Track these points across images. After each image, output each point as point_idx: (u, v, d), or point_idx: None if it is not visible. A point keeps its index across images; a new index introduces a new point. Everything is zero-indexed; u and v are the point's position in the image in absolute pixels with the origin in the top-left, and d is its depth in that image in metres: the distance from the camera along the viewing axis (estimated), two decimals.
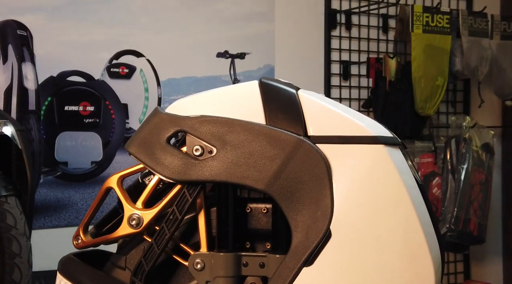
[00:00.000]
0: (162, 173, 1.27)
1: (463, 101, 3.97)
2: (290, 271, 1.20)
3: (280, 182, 1.22)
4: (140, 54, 3.19)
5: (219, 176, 1.25)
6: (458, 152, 3.71)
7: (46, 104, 3.03)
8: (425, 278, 1.20)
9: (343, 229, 1.20)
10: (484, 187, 3.77)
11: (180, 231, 1.35)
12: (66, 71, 3.07)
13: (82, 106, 3.10)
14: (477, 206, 3.73)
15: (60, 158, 3.07)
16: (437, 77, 3.55)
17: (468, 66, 3.65)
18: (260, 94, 1.29)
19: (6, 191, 2.20)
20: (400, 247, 1.20)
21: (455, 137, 3.73)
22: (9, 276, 2.12)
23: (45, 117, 3.04)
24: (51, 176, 3.07)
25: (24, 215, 2.22)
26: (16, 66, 2.96)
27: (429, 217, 1.25)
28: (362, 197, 1.21)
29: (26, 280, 2.16)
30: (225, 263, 1.26)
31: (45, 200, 3.05)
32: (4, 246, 2.13)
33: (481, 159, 3.75)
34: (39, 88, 3.00)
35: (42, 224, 3.03)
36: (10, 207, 2.18)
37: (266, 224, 1.32)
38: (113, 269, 1.36)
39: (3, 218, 2.14)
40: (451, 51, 3.60)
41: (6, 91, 2.95)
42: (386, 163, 1.21)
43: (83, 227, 1.38)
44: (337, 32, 3.60)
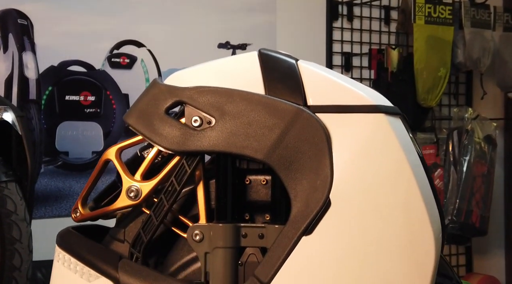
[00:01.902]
0: (160, 144, 1.26)
1: (465, 93, 3.96)
2: (289, 240, 1.19)
3: (279, 152, 1.21)
4: (141, 44, 3.19)
5: (218, 146, 1.24)
6: (460, 144, 3.70)
7: (47, 93, 3.03)
8: (426, 248, 1.19)
9: (342, 198, 1.18)
10: (486, 179, 3.76)
11: (179, 203, 1.33)
12: (67, 60, 3.07)
13: (83, 96, 3.10)
14: (479, 198, 3.72)
15: (61, 147, 3.06)
16: (439, 68, 3.54)
17: (471, 57, 3.65)
18: (259, 64, 1.28)
19: (6, 177, 2.19)
20: (400, 216, 1.19)
21: (457, 128, 3.72)
22: (9, 261, 2.11)
23: (46, 106, 3.03)
24: (52, 166, 3.06)
25: (24, 201, 2.22)
26: (16, 55, 2.96)
27: (430, 188, 1.24)
28: (362, 166, 1.20)
29: (27, 266, 2.16)
30: (224, 234, 1.25)
31: (45, 190, 3.05)
32: (4, 231, 2.13)
33: (483, 151, 3.74)
34: (40, 78, 3.00)
35: (43, 213, 3.02)
36: (10, 192, 2.17)
37: (265, 196, 1.31)
38: (112, 242, 1.35)
39: (3, 204, 2.14)
40: (453, 43, 3.60)
41: (7, 80, 2.95)
42: (386, 132, 1.20)
43: (82, 200, 1.37)
44: (338, 23, 3.59)
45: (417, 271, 1.19)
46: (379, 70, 3.55)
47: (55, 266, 1.34)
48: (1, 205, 2.14)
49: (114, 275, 1.26)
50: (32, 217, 2.25)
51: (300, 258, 1.19)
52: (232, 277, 1.26)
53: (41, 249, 2.27)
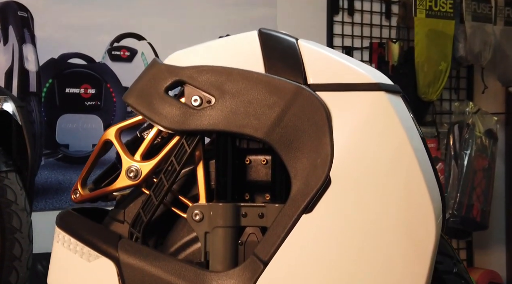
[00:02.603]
0: (160, 123, 1.26)
1: (466, 88, 3.95)
2: (289, 218, 1.19)
3: (280, 130, 1.21)
4: (141, 37, 3.18)
5: (218, 125, 1.23)
6: (461, 137, 3.69)
7: (47, 86, 3.02)
8: (426, 226, 1.19)
9: (343, 176, 1.18)
10: (487, 173, 3.75)
11: (178, 184, 1.33)
12: (67, 53, 3.06)
13: (83, 89, 3.09)
14: (480, 192, 3.71)
15: (61, 140, 3.06)
16: (440, 62, 3.54)
17: (472, 51, 3.64)
18: (259, 43, 1.27)
19: (6, 167, 2.19)
20: (401, 194, 1.18)
21: (458, 123, 3.71)
22: (9, 251, 2.11)
23: (46, 99, 3.03)
24: (52, 159, 3.06)
25: (24, 191, 2.21)
26: (16, 48, 2.95)
27: (431, 166, 1.23)
28: (363, 144, 1.19)
29: (27, 256, 2.16)
30: (224, 213, 1.25)
31: (46, 182, 3.05)
32: (5, 221, 2.13)
33: (484, 145, 3.73)
34: (40, 70, 2.99)
35: (43, 206, 3.02)
36: (10, 182, 2.17)
37: (265, 176, 1.30)
38: (111, 223, 1.34)
39: (3, 193, 2.14)
40: (454, 37, 3.59)
41: (7, 72, 2.94)
42: (387, 109, 1.20)
43: (81, 181, 1.36)
44: (339, 17, 3.59)
45: (417, 249, 1.18)
46: (379, 64, 3.55)
47: (54, 247, 1.34)
48: (1, 195, 2.14)
49: (114, 255, 1.26)
50: (33, 210, 2.24)
51: (300, 236, 1.19)
52: (232, 256, 1.26)
53: (41, 241, 2.26)
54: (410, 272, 1.18)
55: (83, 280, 1.29)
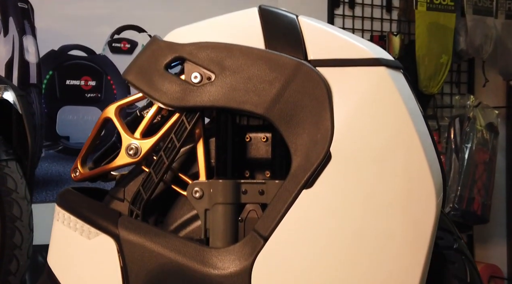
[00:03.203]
0: (160, 100, 1.25)
1: (467, 82, 3.95)
2: (290, 193, 1.18)
3: (280, 106, 1.20)
4: (141, 29, 3.18)
5: (218, 101, 1.23)
6: (462, 131, 3.68)
7: (47, 78, 3.02)
8: (427, 202, 1.18)
9: (343, 152, 1.17)
10: (488, 167, 3.75)
11: (178, 162, 1.33)
12: (67, 45, 3.06)
13: (83, 81, 3.09)
14: (481, 186, 3.71)
15: (62, 132, 3.05)
16: (441, 55, 3.53)
17: (473, 44, 3.63)
18: (259, 19, 1.27)
19: (7, 155, 2.19)
20: (401, 170, 1.18)
21: (459, 116, 3.71)
22: (10, 239, 2.11)
23: (47, 91, 3.02)
24: (53, 150, 3.06)
25: (25, 179, 2.21)
26: (17, 39, 2.95)
27: (432, 142, 1.23)
28: (363, 119, 1.18)
29: (27, 244, 2.16)
30: (224, 190, 1.24)
31: (46, 174, 3.04)
32: (5, 209, 2.13)
33: (485, 139, 3.72)
34: (40, 62, 2.99)
35: (44, 198, 3.01)
36: (10, 171, 2.17)
37: (265, 153, 1.30)
38: (111, 201, 1.34)
39: (3, 182, 2.14)
40: (455, 30, 3.59)
41: (7, 64, 2.94)
42: (388, 84, 1.19)
43: (81, 159, 1.36)
44: (340, 10, 3.58)
45: (418, 224, 1.18)
46: None
47: (54, 225, 1.33)
48: (2, 183, 2.14)
49: (114, 232, 1.25)
50: (33, 201, 2.24)
51: (300, 211, 1.18)
52: (232, 233, 1.25)
53: (42, 233, 2.26)
54: (410, 247, 1.17)
55: (83, 257, 1.29)
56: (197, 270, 1.20)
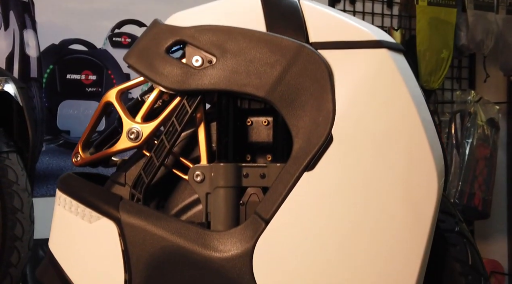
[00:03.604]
0: (161, 83, 1.25)
1: (468, 77, 3.94)
2: (291, 176, 1.18)
3: (281, 89, 1.20)
4: (142, 24, 3.18)
5: (219, 84, 1.23)
6: (463, 126, 3.68)
7: (48, 72, 3.01)
8: (428, 184, 1.18)
9: (345, 134, 1.17)
10: (489, 162, 3.74)
11: (179, 146, 1.32)
12: (68, 39, 3.05)
13: (84, 75, 3.09)
14: (481, 181, 3.70)
15: (62, 126, 3.05)
16: (442, 49, 3.53)
17: (474, 39, 3.63)
18: (260, 2, 1.26)
19: (7, 147, 2.19)
20: (403, 152, 1.18)
21: (460, 111, 3.70)
22: (11, 231, 2.11)
23: (47, 85, 3.02)
24: (53, 145, 3.05)
25: (25, 171, 2.21)
26: (17, 33, 2.95)
27: (433, 125, 1.22)
28: (365, 101, 1.18)
29: (28, 236, 2.15)
30: (225, 173, 1.24)
31: (47, 168, 3.04)
32: (6, 201, 2.13)
33: (486, 134, 3.72)
34: (41, 56, 2.98)
35: (45, 192, 3.01)
36: (11, 163, 2.17)
37: (267, 137, 1.30)
38: (113, 186, 1.34)
39: (4, 174, 2.14)
40: (456, 25, 3.58)
41: (8, 57, 2.94)
42: (389, 67, 1.19)
43: (82, 144, 1.36)
44: (341, 6, 3.58)
45: (419, 206, 1.17)
46: None
47: (56, 210, 1.33)
48: (2, 175, 2.14)
49: (115, 215, 1.25)
50: (34, 195, 2.24)
51: (301, 194, 1.18)
52: (233, 216, 1.25)
53: (43, 227, 2.25)
54: (412, 229, 1.17)
55: (85, 241, 1.29)
56: (198, 253, 1.20)
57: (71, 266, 1.30)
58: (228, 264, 1.18)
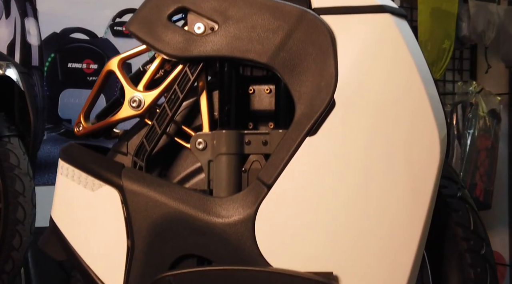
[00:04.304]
0: (163, 50, 1.25)
1: (470, 69, 3.94)
2: (293, 141, 1.18)
3: (284, 55, 1.20)
4: None
5: (221, 51, 1.23)
6: (464, 117, 3.68)
7: (49, 60, 3.01)
8: (431, 148, 1.17)
9: (347, 98, 1.17)
10: (491, 153, 3.74)
11: (181, 115, 1.32)
12: (69, 27, 3.05)
13: (85, 64, 3.09)
14: (483, 172, 3.70)
15: (64, 115, 3.05)
16: (443, 40, 3.52)
17: (475, 30, 3.63)
18: None
19: (9, 131, 2.19)
20: (405, 116, 1.17)
21: (461, 102, 3.70)
22: (13, 215, 2.11)
23: (48, 73, 3.02)
24: (55, 133, 3.05)
25: (27, 156, 2.21)
26: (19, 21, 2.95)
27: (436, 90, 1.22)
28: (367, 66, 1.18)
29: (30, 220, 2.15)
30: (227, 140, 1.24)
31: (48, 157, 3.04)
32: (8, 185, 2.12)
33: (487, 125, 3.72)
34: (42, 44, 2.98)
35: (46, 180, 3.01)
36: (13, 147, 2.17)
37: (269, 105, 1.30)
38: (115, 155, 1.34)
39: (6, 158, 2.14)
40: (458, 16, 3.58)
41: (9, 46, 2.94)
42: (392, 31, 1.19)
43: (84, 114, 1.36)
44: None
45: (421, 171, 1.17)
46: None
47: (58, 179, 1.33)
48: (4, 159, 2.14)
49: (118, 182, 1.25)
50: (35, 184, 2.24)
51: (303, 159, 1.18)
52: (235, 183, 1.25)
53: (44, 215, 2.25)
54: (414, 193, 1.17)
55: (87, 209, 1.28)
56: (200, 218, 1.20)
57: (74, 234, 1.30)
58: (230, 230, 1.18)
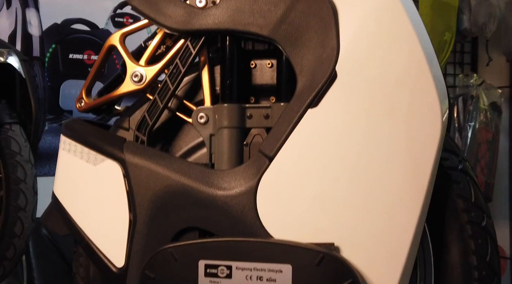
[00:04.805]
0: (164, 24, 1.25)
1: (471, 62, 3.94)
2: (295, 113, 1.17)
3: (285, 27, 1.20)
4: None
5: (223, 24, 1.23)
6: (465, 110, 3.68)
7: (50, 51, 3.02)
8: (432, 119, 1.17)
9: (349, 70, 1.17)
10: (492, 146, 3.74)
11: (183, 90, 1.33)
12: (70, 18, 3.06)
13: (86, 55, 3.09)
14: (484, 165, 3.70)
15: (65, 106, 3.06)
16: (444, 32, 3.53)
17: (476, 23, 3.63)
18: None
19: (10, 119, 2.20)
20: (407, 86, 1.17)
21: (462, 95, 3.71)
22: (14, 201, 2.11)
23: (50, 64, 3.03)
24: (56, 124, 3.06)
25: (28, 143, 2.22)
26: (20, 12, 2.95)
27: (438, 63, 1.22)
28: (369, 37, 1.18)
29: (32, 207, 2.16)
30: (229, 114, 1.24)
31: (50, 148, 3.04)
32: (9, 172, 2.13)
33: (488, 118, 3.72)
34: (43, 35, 2.99)
35: (47, 171, 3.01)
36: (14, 134, 2.18)
37: (270, 79, 1.30)
38: (117, 131, 1.34)
39: (7, 145, 2.15)
40: (459, 9, 3.58)
41: (10, 36, 2.95)
42: (394, 3, 1.19)
43: (86, 90, 1.36)
44: None
45: (422, 142, 1.17)
46: None
47: (60, 155, 1.33)
48: (6, 146, 2.14)
49: (120, 156, 1.25)
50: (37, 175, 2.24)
51: (305, 131, 1.18)
52: (237, 156, 1.25)
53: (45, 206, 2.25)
54: (415, 165, 1.16)
55: (90, 184, 1.29)
56: (202, 191, 1.20)
57: (76, 209, 1.30)
58: (232, 202, 1.18)
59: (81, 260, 1.39)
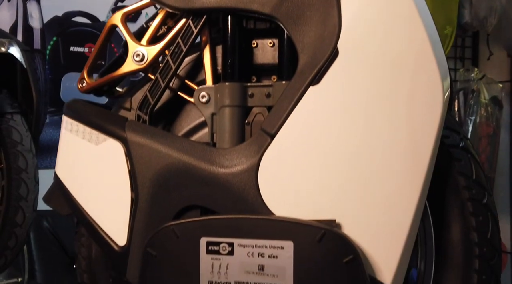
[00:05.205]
0: (166, 3, 1.25)
1: (472, 57, 3.94)
2: (297, 91, 1.18)
3: (287, 5, 1.20)
4: None
5: (224, 2, 1.23)
6: (466, 104, 3.67)
7: (51, 43, 3.02)
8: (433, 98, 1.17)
9: (350, 47, 1.17)
10: (492, 140, 3.73)
11: (185, 70, 1.33)
12: (71, 11, 3.06)
13: (87, 48, 3.09)
14: (484, 159, 3.70)
15: (66, 98, 3.06)
16: (445, 26, 3.52)
17: (477, 17, 3.62)
18: None
19: (12, 108, 2.20)
20: (409, 65, 1.17)
21: (463, 89, 3.70)
22: (15, 190, 2.12)
23: (51, 57, 3.03)
24: (57, 116, 3.06)
25: (30, 133, 2.22)
26: (21, 4, 2.96)
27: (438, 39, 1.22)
28: (371, 15, 1.18)
29: (33, 196, 2.16)
30: (230, 92, 1.24)
31: (51, 140, 3.05)
32: (11, 161, 2.13)
33: (489, 112, 3.71)
34: (44, 27, 2.99)
35: (48, 164, 3.01)
36: (15, 124, 2.18)
37: (272, 59, 1.30)
38: (119, 111, 1.34)
39: (9, 134, 2.15)
40: (460, 3, 3.57)
41: (11, 29, 2.95)
42: None
43: (88, 70, 1.36)
44: None
45: (424, 120, 1.17)
46: None
47: (62, 135, 1.33)
48: (7, 135, 2.14)
49: (121, 135, 1.25)
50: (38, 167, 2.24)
51: (307, 108, 1.18)
52: (238, 135, 1.25)
53: None
54: (416, 142, 1.16)
55: (91, 163, 1.29)
56: (204, 169, 1.20)
57: (78, 188, 1.30)
58: (234, 179, 1.18)
59: (83, 240, 1.39)
